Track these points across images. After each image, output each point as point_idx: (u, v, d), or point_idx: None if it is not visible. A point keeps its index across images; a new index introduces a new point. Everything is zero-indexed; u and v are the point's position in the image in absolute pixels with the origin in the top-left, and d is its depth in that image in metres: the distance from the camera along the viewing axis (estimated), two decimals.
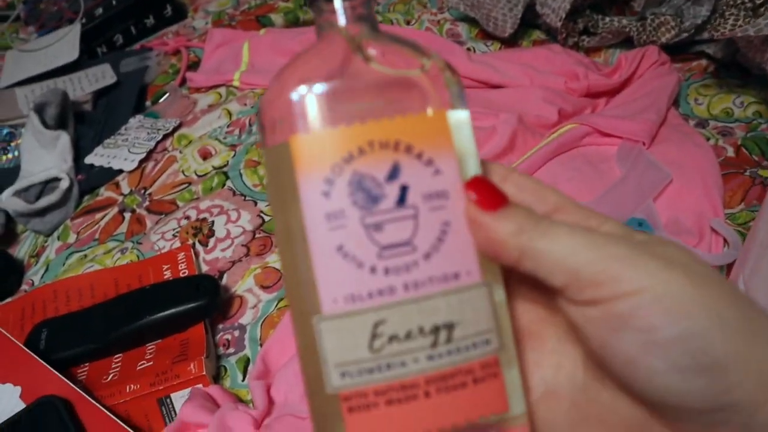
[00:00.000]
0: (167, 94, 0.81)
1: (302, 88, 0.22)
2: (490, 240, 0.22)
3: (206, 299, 0.50)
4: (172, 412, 0.46)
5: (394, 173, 0.21)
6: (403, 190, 0.21)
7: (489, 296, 0.22)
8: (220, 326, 0.53)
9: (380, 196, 0.21)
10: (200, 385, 0.46)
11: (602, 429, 0.22)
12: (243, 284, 0.56)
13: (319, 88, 0.22)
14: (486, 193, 0.22)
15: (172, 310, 0.50)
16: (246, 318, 0.53)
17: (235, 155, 0.69)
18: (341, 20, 0.24)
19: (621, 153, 0.60)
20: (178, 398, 0.46)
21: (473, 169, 0.23)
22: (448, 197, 0.22)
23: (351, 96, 0.22)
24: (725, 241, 0.51)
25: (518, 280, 0.25)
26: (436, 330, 0.21)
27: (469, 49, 0.78)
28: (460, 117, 0.23)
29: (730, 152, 0.60)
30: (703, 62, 0.70)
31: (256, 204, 0.63)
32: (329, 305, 0.21)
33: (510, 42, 0.78)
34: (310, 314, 0.21)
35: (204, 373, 0.46)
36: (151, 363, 0.49)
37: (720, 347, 0.19)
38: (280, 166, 0.22)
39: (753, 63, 0.63)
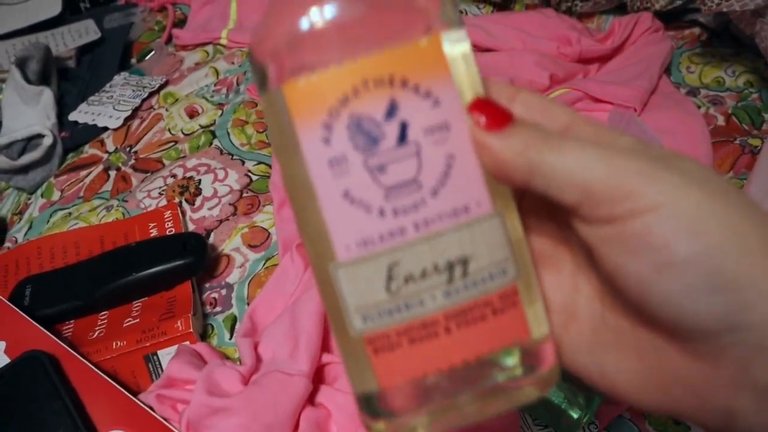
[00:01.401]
0: (153, 52, 0.79)
1: (289, 30, 0.20)
2: (498, 161, 0.21)
3: (193, 257, 0.50)
4: (159, 369, 0.46)
5: (391, 111, 0.20)
6: (403, 127, 0.21)
7: (502, 225, 0.22)
8: (207, 285, 0.53)
9: (380, 136, 0.20)
10: (187, 343, 0.46)
11: (619, 354, 0.22)
12: (230, 243, 0.55)
13: (305, 26, 0.20)
14: (490, 113, 0.21)
15: (159, 268, 0.49)
16: (233, 277, 0.53)
17: (222, 114, 0.68)
18: None
19: (612, 119, 0.59)
20: (165, 355, 0.46)
21: (476, 93, 0.22)
22: (450, 128, 0.21)
23: (339, 32, 0.20)
24: None
25: (532, 210, 0.24)
26: (450, 266, 0.21)
27: (461, 12, 0.77)
28: (456, 39, 0.21)
29: (721, 121, 0.60)
30: (696, 31, 0.70)
31: (243, 163, 0.62)
32: (343, 252, 0.21)
33: (503, 5, 0.77)
34: (326, 261, 0.21)
35: (191, 330, 0.46)
36: (138, 320, 0.48)
37: (736, 265, 0.18)
38: (278, 114, 0.21)
39: (744, 34, 0.63)
